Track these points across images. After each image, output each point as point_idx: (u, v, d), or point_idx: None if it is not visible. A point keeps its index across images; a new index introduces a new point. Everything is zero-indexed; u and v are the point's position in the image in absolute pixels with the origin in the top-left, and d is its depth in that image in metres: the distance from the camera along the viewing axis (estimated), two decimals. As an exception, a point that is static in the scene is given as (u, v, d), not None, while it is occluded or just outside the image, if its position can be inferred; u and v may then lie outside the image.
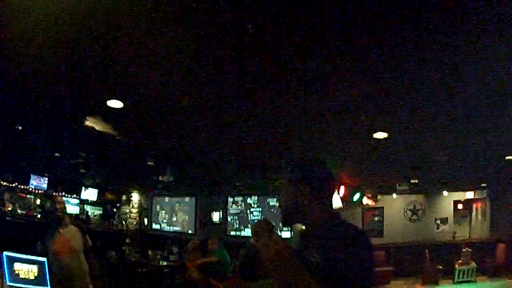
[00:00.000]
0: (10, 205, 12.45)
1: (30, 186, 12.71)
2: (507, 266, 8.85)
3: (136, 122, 4.94)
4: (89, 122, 4.82)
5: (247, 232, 12.11)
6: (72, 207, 15.39)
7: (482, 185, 11.47)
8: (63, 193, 14.65)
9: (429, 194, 12.41)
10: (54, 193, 8.40)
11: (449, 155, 6.46)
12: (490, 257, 9.36)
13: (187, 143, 6.32)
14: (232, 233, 12.40)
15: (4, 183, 13.13)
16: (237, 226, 12.45)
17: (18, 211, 11.18)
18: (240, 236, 12.13)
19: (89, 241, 3.65)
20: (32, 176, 12.89)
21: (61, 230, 3.52)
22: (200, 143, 6.18)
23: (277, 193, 10.96)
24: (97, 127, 5.02)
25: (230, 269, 7.62)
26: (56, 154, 9.09)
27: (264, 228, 1.45)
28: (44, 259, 3.46)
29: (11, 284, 3.36)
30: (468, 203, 13.50)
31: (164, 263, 7.25)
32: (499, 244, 9.32)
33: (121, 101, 4.06)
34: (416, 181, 9.63)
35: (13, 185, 13.26)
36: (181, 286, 7.54)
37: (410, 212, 12.20)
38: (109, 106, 4.17)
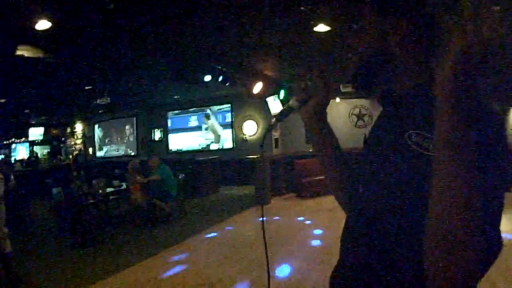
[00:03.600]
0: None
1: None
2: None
3: (65, 41, 4.89)
4: (20, 50, 4.78)
5: (189, 146, 12.36)
6: (23, 152, 15.42)
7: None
8: (14, 139, 14.48)
9: (375, 99, 12.38)
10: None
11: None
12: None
13: (119, 59, 6.10)
14: (174, 149, 12.62)
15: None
16: (179, 141, 12.57)
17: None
18: (182, 152, 12.37)
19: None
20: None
21: None
22: (132, 57, 6.03)
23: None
24: (28, 54, 4.95)
25: (175, 186, 8.03)
26: (1, 100, 8.80)
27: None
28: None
29: None
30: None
31: (109, 190, 7.60)
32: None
33: (49, 21, 4.08)
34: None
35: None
36: (127, 211, 7.84)
37: (356, 117, 11.38)
38: (37, 29, 4.19)
